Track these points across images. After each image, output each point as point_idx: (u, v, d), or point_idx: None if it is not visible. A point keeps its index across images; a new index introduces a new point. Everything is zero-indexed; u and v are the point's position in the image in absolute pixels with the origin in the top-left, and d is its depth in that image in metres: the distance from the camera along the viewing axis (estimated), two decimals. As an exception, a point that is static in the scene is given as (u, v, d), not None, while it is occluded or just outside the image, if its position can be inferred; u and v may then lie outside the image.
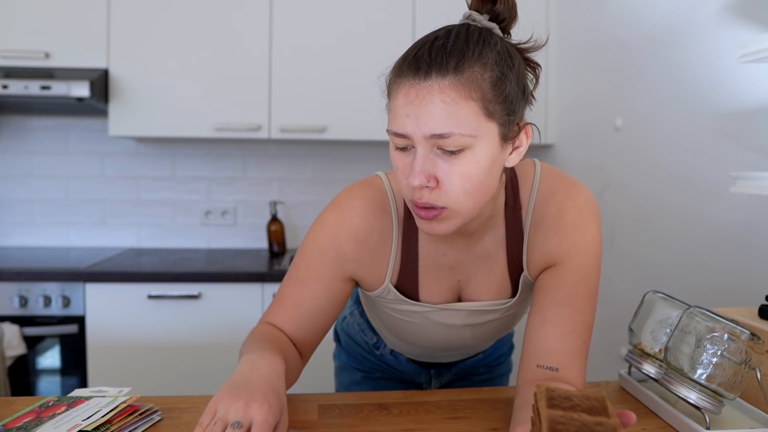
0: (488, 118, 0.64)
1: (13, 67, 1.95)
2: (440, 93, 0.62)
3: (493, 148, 0.66)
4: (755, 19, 1.20)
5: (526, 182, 0.80)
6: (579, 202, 0.79)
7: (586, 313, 0.77)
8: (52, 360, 1.85)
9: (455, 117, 0.62)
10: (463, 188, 0.66)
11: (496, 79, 0.65)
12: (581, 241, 0.78)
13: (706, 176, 1.34)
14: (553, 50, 2.19)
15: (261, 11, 2.06)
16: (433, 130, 0.63)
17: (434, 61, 0.63)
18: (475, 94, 0.63)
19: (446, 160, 0.65)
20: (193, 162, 2.43)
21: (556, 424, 0.52)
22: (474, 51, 0.64)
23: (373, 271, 0.82)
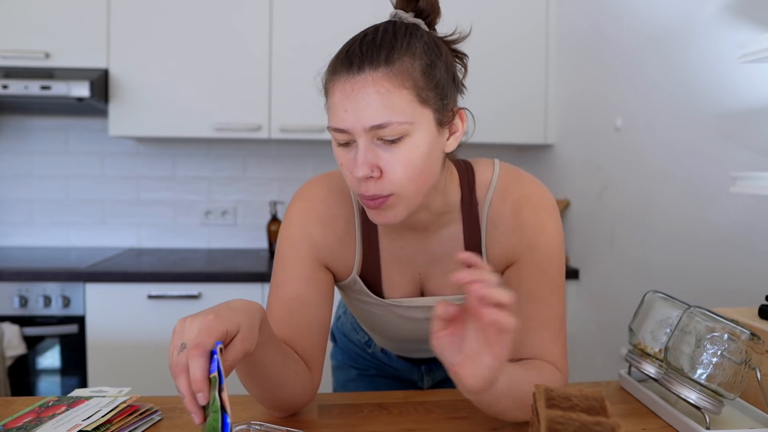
0: (422, 104, 0.67)
1: (13, 67, 1.95)
2: (374, 85, 0.65)
3: (430, 134, 0.69)
4: (755, 19, 1.20)
5: (484, 180, 0.82)
6: (534, 199, 0.80)
7: (553, 306, 0.80)
8: (52, 360, 1.85)
9: (391, 106, 0.65)
10: (406, 175, 0.68)
11: (426, 68, 0.67)
12: (539, 239, 0.79)
13: (706, 176, 1.34)
14: (553, 50, 2.19)
15: (261, 11, 2.06)
16: (372, 122, 0.65)
17: (365, 55, 0.66)
18: (408, 83, 0.66)
19: (387, 150, 0.67)
20: (193, 162, 2.43)
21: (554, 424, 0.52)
22: (402, 43, 0.67)
23: (342, 260, 0.84)
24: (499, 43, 2.16)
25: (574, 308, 2.03)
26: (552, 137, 2.20)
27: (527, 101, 2.19)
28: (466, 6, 2.14)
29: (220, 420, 0.54)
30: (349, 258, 0.84)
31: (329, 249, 0.82)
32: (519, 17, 2.17)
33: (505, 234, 0.80)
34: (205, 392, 0.54)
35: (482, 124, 2.49)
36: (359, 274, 0.85)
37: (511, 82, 2.18)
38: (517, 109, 2.18)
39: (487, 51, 2.16)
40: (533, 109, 2.20)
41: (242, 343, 0.59)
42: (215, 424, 0.54)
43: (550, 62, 2.19)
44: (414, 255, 0.84)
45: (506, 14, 2.16)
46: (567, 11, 2.11)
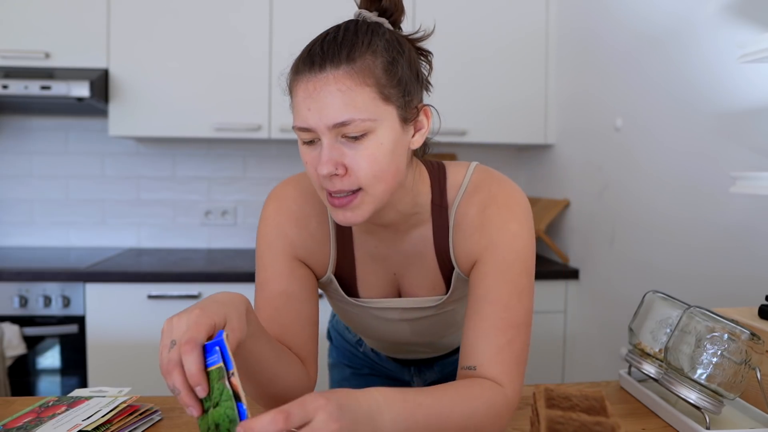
0: (385, 101, 0.68)
1: (13, 67, 1.95)
2: (336, 83, 0.66)
3: (394, 130, 0.69)
4: (755, 19, 1.20)
5: (455, 182, 0.81)
6: (500, 199, 0.78)
7: (511, 310, 0.74)
8: (52, 360, 1.85)
9: (353, 104, 0.66)
10: (372, 171, 0.68)
11: (388, 65, 0.68)
12: (499, 237, 0.76)
13: (705, 176, 1.34)
14: (553, 50, 2.19)
15: (261, 11, 2.06)
16: (335, 119, 0.66)
17: (327, 53, 0.67)
18: (369, 80, 0.67)
19: (351, 147, 0.67)
20: (193, 162, 2.43)
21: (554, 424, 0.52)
22: (363, 41, 0.68)
23: (318, 258, 0.84)
24: (500, 43, 2.16)
25: (574, 308, 2.03)
26: (552, 137, 2.20)
27: (527, 101, 2.19)
28: (466, 6, 2.14)
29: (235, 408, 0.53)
30: (325, 256, 0.84)
31: (304, 247, 0.82)
32: (519, 18, 2.17)
33: (470, 234, 0.79)
34: (203, 385, 0.54)
35: (482, 125, 2.50)
36: (334, 273, 0.85)
37: (511, 83, 2.18)
38: (517, 109, 2.18)
39: (487, 51, 2.16)
40: (533, 109, 2.20)
41: (232, 333, 0.60)
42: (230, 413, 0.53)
43: (550, 62, 2.19)
44: (387, 255, 0.84)
45: (506, 15, 2.16)
46: (567, 12, 2.11)
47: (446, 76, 2.15)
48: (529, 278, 0.77)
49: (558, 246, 2.17)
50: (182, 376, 0.54)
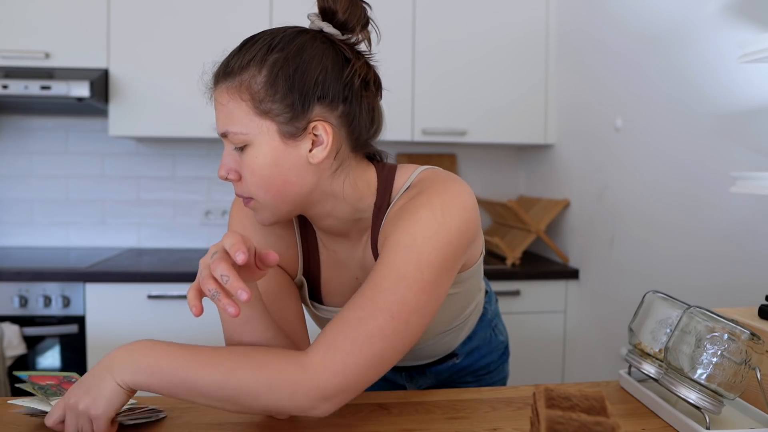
0: (261, 116, 0.69)
1: (13, 67, 1.95)
2: (220, 96, 0.72)
3: (271, 145, 0.70)
4: (755, 19, 1.20)
5: (399, 183, 0.79)
6: (427, 191, 0.72)
7: (381, 292, 0.66)
8: (52, 360, 1.85)
9: (231, 117, 0.70)
10: (253, 181, 0.71)
11: (271, 80, 0.69)
12: (402, 224, 0.69)
13: (706, 176, 1.34)
14: (553, 50, 2.19)
15: (261, 11, 2.06)
16: (220, 130, 0.72)
17: (219, 69, 0.74)
18: (245, 95, 0.69)
19: (239, 156, 0.72)
20: (193, 162, 2.43)
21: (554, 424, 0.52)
22: (247, 56, 0.70)
23: (288, 260, 0.85)
24: (500, 43, 2.16)
25: (574, 308, 2.03)
26: (552, 137, 2.20)
27: (527, 101, 2.19)
28: (466, 6, 2.14)
29: None
30: (294, 259, 0.85)
31: (272, 247, 0.83)
32: (519, 17, 2.17)
33: (386, 226, 0.75)
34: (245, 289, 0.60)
35: (482, 125, 2.49)
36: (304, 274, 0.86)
37: (511, 83, 2.18)
38: (517, 109, 2.18)
39: (487, 51, 2.16)
40: (533, 109, 2.20)
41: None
42: None
43: (550, 62, 2.19)
44: (346, 260, 0.84)
45: (507, 15, 2.16)
46: (567, 12, 2.11)
47: (446, 76, 2.15)
48: (420, 271, 0.66)
49: (558, 246, 2.17)
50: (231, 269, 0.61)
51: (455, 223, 0.70)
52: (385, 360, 0.66)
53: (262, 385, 0.64)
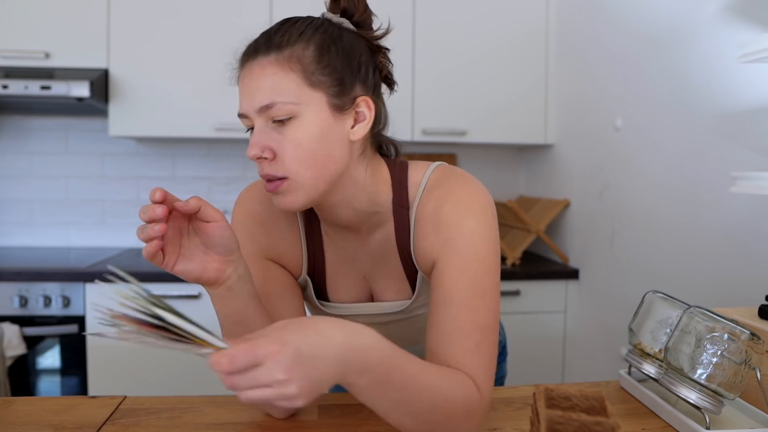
0: (312, 87, 0.69)
1: (13, 67, 1.95)
2: (262, 68, 0.69)
3: (321, 116, 0.70)
4: (755, 19, 1.20)
5: (416, 181, 0.80)
6: (456, 195, 0.75)
7: (476, 312, 0.70)
8: (52, 360, 1.85)
9: (277, 87, 0.68)
10: (297, 156, 0.69)
11: (319, 54, 0.70)
12: (456, 236, 0.73)
13: (705, 176, 1.34)
14: (553, 50, 2.19)
15: (261, 11, 2.06)
16: (260, 102, 0.69)
17: (259, 43, 0.71)
18: (296, 66, 0.69)
19: (279, 131, 0.69)
20: (193, 162, 2.43)
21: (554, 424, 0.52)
22: (294, 30, 0.71)
23: (291, 260, 0.84)
24: (500, 43, 2.16)
25: (574, 308, 2.03)
26: (552, 137, 2.20)
27: (527, 101, 2.19)
28: (466, 6, 2.14)
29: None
30: (297, 258, 0.84)
31: (275, 248, 0.82)
32: (519, 17, 2.17)
33: (426, 231, 0.77)
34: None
35: (482, 125, 2.49)
36: (308, 274, 0.85)
37: (511, 82, 2.18)
38: (517, 109, 2.18)
39: (487, 51, 2.16)
40: (533, 109, 2.20)
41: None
42: None
43: (549, 62, 2.19)
44: (355, 257, 0.83)
45: (506, 14, 2.16)
46: (567, 11, 2.11)
47: (446, 76, 2.15)
48: (491, 278, 0.73)
49: (558, 246, 2.17)
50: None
51: (494, 222, 0.76)
52: None
53: (460, 415, 0.65)
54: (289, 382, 0.48)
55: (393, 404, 0.61)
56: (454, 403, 0.64)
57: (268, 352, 0.48)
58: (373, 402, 0.61)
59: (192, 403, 0.84)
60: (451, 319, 0.70)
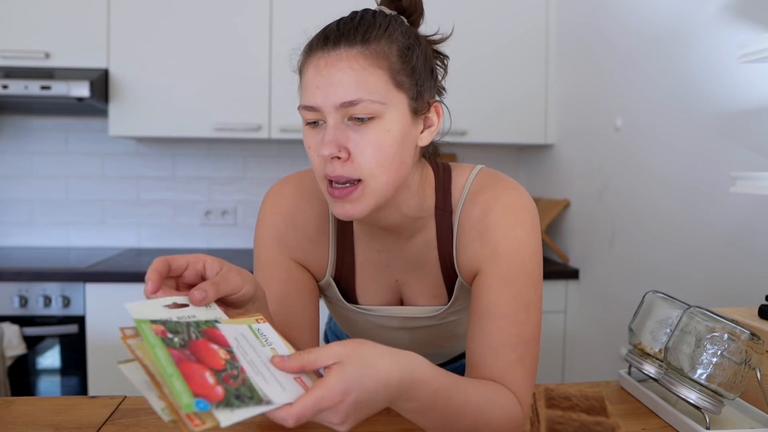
0: (397, 88, 0.65)
1: (13, 67, 1.95)
2: (348, 61, 0.63)
3: (403, 119, 0.66)
4: (755, 19, 1.20)
5: (459, 185, 0.77)
6: (504, 201, 0.73)
7: (519, 325, 0.69)
8: (52, 360, 1.85)
9: (364, 84, 0.63)
10: (376, 159, 0.64)
11: (403, 52, 0.66)
12: (504, 245, 0.71)
13: (705, 176, 1.34)
14: (553, 50, 2.18)
15: (261, 11, 2.06)
16: (343, 98, 0.63)
17: (342, 32, 0.65)
18: (383, 63, 0.64)
19: (357, 130, 0.64)
20: (193, 162, 2.43)
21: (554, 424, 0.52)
22: (380, 26, 0.66)
23: (316, 261, 0.81)
24: (499, 42, 2.16)
25: (574, 308, 2.03)
26: (552, 137, 2.20)
27: (527, 101, 2.19)
28: (465, 5, 2.14)
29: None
30: (323, 260, 0.81)
31: (302, 249, 0.79)
32: (519, 17, 2.17)
33: (471, 238, 0.74)
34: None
35: (482, 125, 2.50)
36: (333, 277, 0.82)
37: (511, 82, 2.18)
38: (517, 109, 2.18)
39: (487, 51, 2.16)
40: (533, 109, 2.20)
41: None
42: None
43: (550, 62, 2.19)
44: (390, 260, 0.80)
45: (506, 14, 2.16)
46: (567, 11, 2.11)
47: (446, 76, 2.14)
48: (536, 290, 0.72)
49: (558, 246, 2.17)
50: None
51: (539, 231, 0.74)
52: None
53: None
54: (343, 424, 0.50)
55: (436, 425, 0.61)
56: (497, 424, 0.64)
57: (332, 405, 0.49)
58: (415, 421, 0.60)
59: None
60: (495, 332, 0.69)
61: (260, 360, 0.52)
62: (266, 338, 0.56)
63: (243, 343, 0.53)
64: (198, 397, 0.43)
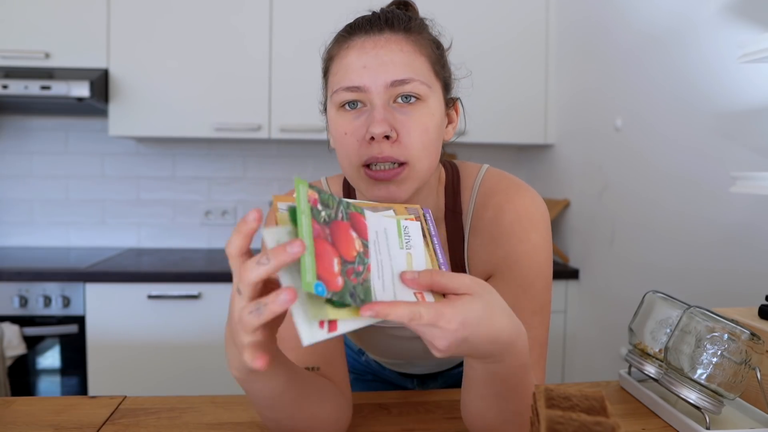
0: (436, 75, 0.68)
1: (13, 67, 1.95)
2: (398, 43, 0.65)
3: (441, 107, 0.69)
4: (755, 19, 1.20)
5: (467, 185, 0.77)
6: (518, 204, 0.72)
7: (533, 330, 0.69)
8: (52, 360, 1.85)
9: (412, 65, 0.64)
10: (422, 141, 0.64)
11: (438, 45, 0.70)
12: (519, 249, 0.70)
13: (705, 176, 1.34)
14: (553, 50, 2.18)
15: (261, 11, 2.06)
16: (395, 76, 0.63)
17: (387, 19, 0.67)
18: (425, 51, 0.67)
19: (404, 112, 0.64)
20: (193, 162, 2.43)
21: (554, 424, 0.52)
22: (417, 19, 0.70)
23: None
24: (499, 42, 2.16)
25: (574, 308, 2.03)
26: (552, 137, 2.20)
27: (527, 101, 2.19)
28: (465, 5, 2.14)
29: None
30: None
31: None
32: (519, 17, 2.17)
33: (485, 240, 0.73)
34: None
35: (482, 124, 2.49)
36: None
37: (511, 82, 2.18)
38: (517, 109, 2.18)
39: (486, 51, 2.16)
40: (533, 109, 2.20)
41: None
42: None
43: (550, 62, 2.19)
44: None
45: (506, 14, 2.16)
46: (567, 11, 2.11)
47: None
48: (549, 293, 0.72)
49: (558, 246, 2.17)
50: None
51: (551, 234, 0.74)
52: None
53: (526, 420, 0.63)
54: (443, 351, 0.49)
55: (498, 397, 0.59)
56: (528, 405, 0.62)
57: (446, 327, 0.47)
58: (481, 386, 0.58)
59: (192, 403, 0.84)
60: None
61: (390, 263, 0.50)
62: (409, 239, 0.53)
63: (382, 239, 0.51)
64: (319, 281, 0.43)
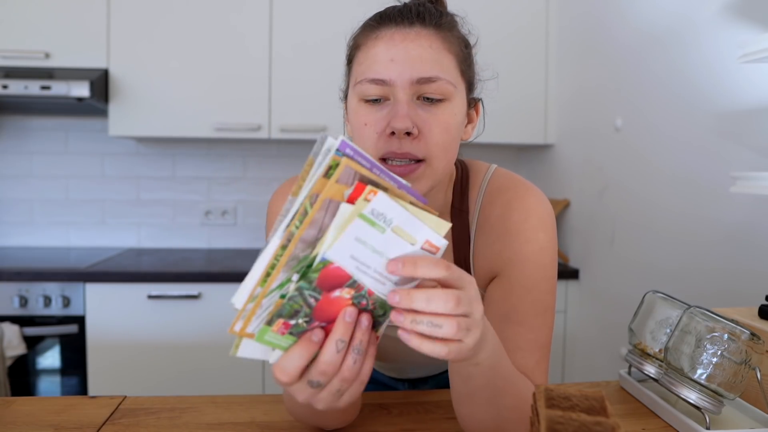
0: (461, 75, 0.67)
1: (13, 67, 1.95)
2: (428, 39, 0.63)
3: (463, 107, 0.68)
4: (755, 19, 1.20)
5: (475, 184, 0.76)
6: (527, 203, 0.71)
7: (537, 331, 0.68)
8: (52, 360, 1.85)
9: (440, 63, 0.63)
10: (442, 140, 0.63)
11: (466, 44, 0.69)
12: (526, 249, 0.69)
13: (706, 176, 1.34)
14: (553, 50, 2.18)
15: (261, 11, 2.06)
16: (422, 73, 0.62)
17: (419, 12, 0.65)
18: (454, 49, 0.65)
19: (427, 110, 0.63)
20: (193, 162, 2.43)
21: (554, 424, 0.52)
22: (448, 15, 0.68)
23: None
24: (499, 42, 2.16)
25: (574, 308, 2.03)
26: (552, 137, 2.20)
27: (527, 101, 2.19)
28: (464, 4, 2.14)
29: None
30: None
31: None
32: (519, 16, 2.17)
33: (491, 239, 0.72)
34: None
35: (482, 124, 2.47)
36: None
37: (510, 82, 2.17)
38: (517, 109, 2.18)
39: (486, 50, 2.15)
40: (533, 109, 2.20)
41: None
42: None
43: (549, 62, 2.19)
44: None
45: (506, 13, 2.16)
46: (567, 10, 2.11)
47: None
48: (554, 295, 0.71)
49: (558, 246, 2.17)
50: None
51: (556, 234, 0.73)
52: None
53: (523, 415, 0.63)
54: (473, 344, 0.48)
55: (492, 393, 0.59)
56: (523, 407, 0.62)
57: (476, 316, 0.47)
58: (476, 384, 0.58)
59: (192, 403, 0.84)
60: (513, 338, 0.68)
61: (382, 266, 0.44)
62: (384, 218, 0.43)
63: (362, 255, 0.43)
64: None
